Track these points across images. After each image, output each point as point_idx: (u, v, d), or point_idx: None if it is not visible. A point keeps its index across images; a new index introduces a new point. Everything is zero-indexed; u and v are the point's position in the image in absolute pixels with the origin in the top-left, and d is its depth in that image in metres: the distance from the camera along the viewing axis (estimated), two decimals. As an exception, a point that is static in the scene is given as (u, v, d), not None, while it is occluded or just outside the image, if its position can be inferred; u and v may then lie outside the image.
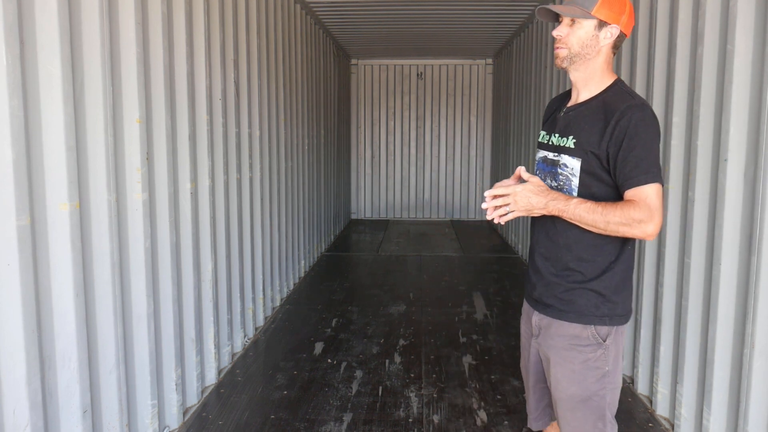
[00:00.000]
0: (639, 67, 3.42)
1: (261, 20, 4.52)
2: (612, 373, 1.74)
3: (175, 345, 2.98)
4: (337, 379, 3.57)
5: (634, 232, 1.59)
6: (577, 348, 1.74)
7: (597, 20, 1.68)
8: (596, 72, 1.74)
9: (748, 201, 2.46)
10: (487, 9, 6.47)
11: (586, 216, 1.62)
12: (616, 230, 1.60)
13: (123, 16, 2.53)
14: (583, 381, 1.73)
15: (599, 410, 1.74)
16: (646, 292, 3.34)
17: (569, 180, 1.73)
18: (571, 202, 1.64)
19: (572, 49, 1.71)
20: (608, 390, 1.74)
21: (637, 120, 1.61)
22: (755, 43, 2.43)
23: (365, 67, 10.44)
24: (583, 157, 1.69)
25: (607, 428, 1.76)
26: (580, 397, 1.74)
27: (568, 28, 1.71)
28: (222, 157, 3.64)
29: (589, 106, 1.73)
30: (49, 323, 2.18)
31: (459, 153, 10.60)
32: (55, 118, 2.13)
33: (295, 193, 5.79)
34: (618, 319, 1.74)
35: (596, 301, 1.72)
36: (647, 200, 1.58)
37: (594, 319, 1.72)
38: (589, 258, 1.72)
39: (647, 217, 1.57)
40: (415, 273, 6.40)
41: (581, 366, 1.73)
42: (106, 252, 2.44)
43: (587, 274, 1.73)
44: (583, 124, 1.71)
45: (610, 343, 1.73)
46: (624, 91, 1.72)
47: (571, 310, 1.74)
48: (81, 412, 2.27)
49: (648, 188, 1.59)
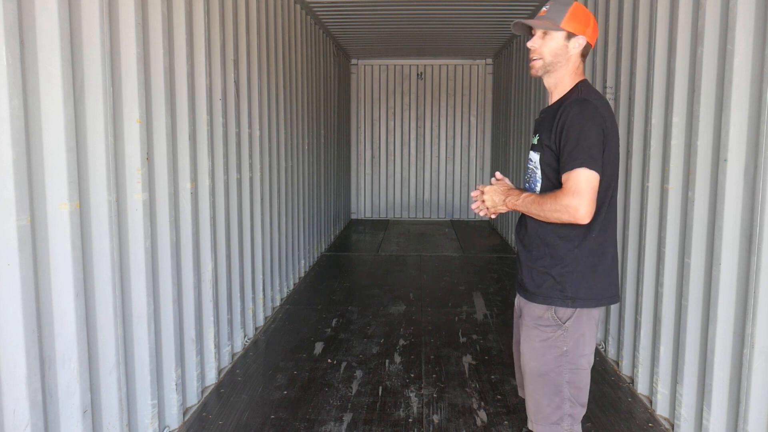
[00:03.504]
0: (639, 67, 3.42)
1: (261, 20, 4.52)
2: (571, 353, 1.89)
3: (175, 345, 2.98)
4: (337, 379, 3.57)
5: (565, 217, 1.77)
6: (539, 327, 1.92)
7: (566, 32, 1.89)
8: (565, 77, 1.94)
9: (748, 201, 2.46)
10: (487, 9, 6.47)
11: (530, 207, 1.85)
12: (552, 217, 1.80)
13: (123, 16, 2.53)
14: (542, 357, 1.91)
15: (555, 386, 1.90)
16: (646, 292, 3.34)
17: (534, 173, 1.95)
18: (521, 197, 1.88)
19: (546, 58, 1.91)
20: (566, 369, 1.89)
21: (574, 113, 1.80)
22: (755, 43, 2.43)
23: (365, 67, 10.44)
24: (541, 151, 1.90)
25: (564, 405, 1.90)
26: (538, 372, 1.92)
27: (541, 40, 1.91)
28: (222, 157, 3.64)
29: (553, 108, 1.93)
30: (49, 323, 2.18)
31: (459, 153, 10.60)
32: (55, 118, 2.13)
33: (295, 193, 5.79)
34: (582, 302, 1.88)
35: (560, 284, 1.88)
36: (575, 185, 1.75)
37: (556, 301, 1.89)
38: (553, 244, 1.89)
39: (574, 202, 1.74)
40: (415, 273, 6.40)
41: (541, 344, 1.91)
42: (106, 252, 2.44)
43: (552, 260, 1.90)
44: (546, 123, 1.92)
45: (570, 326, 1.89)
46: (578, 89, 1.91)
47: (538, 293, 1.92)
48: (81, 412, 2.27)
49: (575, 173, 1.75)
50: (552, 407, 1.91)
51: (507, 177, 2.15)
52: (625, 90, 3.69)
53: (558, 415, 1.91)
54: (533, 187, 1.95)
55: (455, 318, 4.75)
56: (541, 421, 1.93)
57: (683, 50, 2.94)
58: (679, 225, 3.01)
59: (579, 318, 1.89)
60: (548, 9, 1.90)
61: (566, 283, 1.87)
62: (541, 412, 1.93)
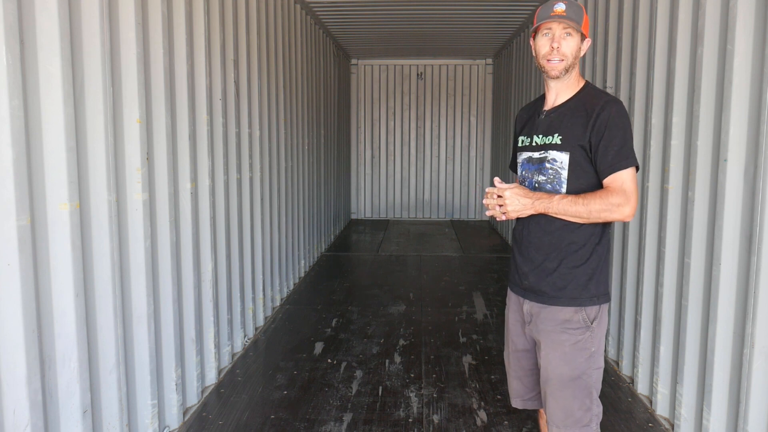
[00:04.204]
0: (639, 67, 3.42)
1: (261, 20, 4.52)
2: (597, 353, 1.92)
3: (175, 345, 2.98)
4: (337, 379, 3.57)
5: (614, 216, 1.79)
6: (567, 331, 1.89)
7: (581, 34, 1.91)
8: (574, 78, 1.97)
9: (748, 201, 2.46)
10: (487, 9, 6.47)
11: (569, 208, 1.82)
12: (598, 216, 1.80)
13: (123, 16, 2.53)
14: (573, 361, 1.89)
15: (587, 388, 1.91)
16: (646, 292, 3.34)
17: (558, 173, 1.90)
18: (554, 199, 1.84)
19: (568, 60, 1.91)
20: (594, 369, 1.91)
21: (615, 113, 1.82)
22: (755, 43, 2.43)
23: (365, 67, 10.44)
24: (571, 151, 1.87)
25: (593, 406, 1.92)
26: (570, 377, 1.89)
27: (564, 40, 1.90)
28: (222, 157, 3.64)
29: (569, 107, 1.93)
30: (49, 323, 2.18)
31: (459, 153, 10.60)
32: (55, 118, 2.13)
33: (295, 193, 5.79)
34: (604, 297, 1.93)
35: (586, 282, 1.89)
36: (623, 184, 1.79)
37: (584, 301, 1.89)
38: (580, 242, 1.89)
39: (624, 201, 1.77)
40: (415, 273, 6.40)
41: (571, 348, 1.89)
42: (106, 252, 2.44)
43: (579, 258, 1.89)
44: (567, 122, 1.90)
45: (596, 326, 1.91)
46: (597, 90, 1.96)
47: (563, 295, 1.90)
48: (81, 412, 2.27)
49: (625, 173, 1.80)
50: (583, 410, 1.91)
51: (504, 178, 2.15)
52: (625, 90, 3.69)
53: (588, 417, 1.92)
54: (558, 189, 1.89)
55: (455, 318, 4.75)
56: (572, 425, 1.91)
57: (683, 50, 2.94)
58: (679, 225, 3.01)
59: (602, 317, 1.92)
60: (566, 9, 1.86)
61: (591, 282, 1.89)
62: (572, 416, 1.91)
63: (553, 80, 1.94)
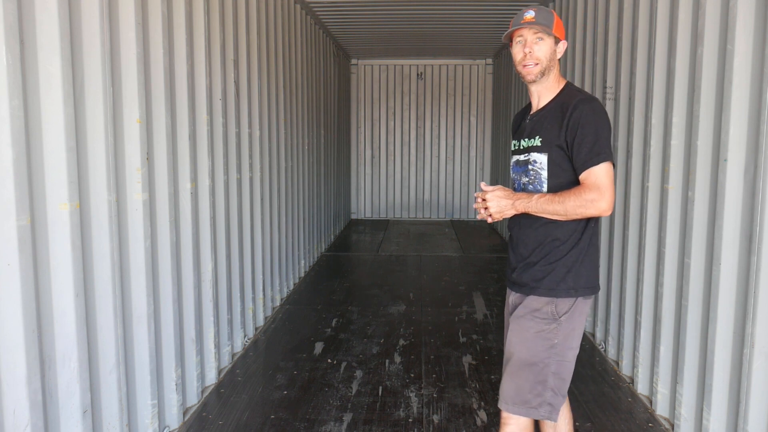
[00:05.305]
0: (639, 67, 3.42)
1: (261, 20, 4.52)
2: (560, 346, 1.96)
3: (175, 345, 2.98)
4: (337, 379, 3.57)
5: (590, 211, 1.85)
6: (534, 319, 1.97)
7: (554, 37, 1.97)
8: (553, 80, 2.03)
9: (748, 201, 2.46)
10: (487, 9, 6.47)
11: (547, 207, 1.89)
12: (575, 213, 1.86)
13: (123, 16, 2.53)
14: (533, 348, 1.96)
15: (542, 376, 1.96)
16: (646, 292, 3.34)
17: (539, 174, 1.98)
18: (533, 198, 1.92)
19: (542, 63, 1.97)
20: (553, 360, 1.96)
21: (587, 110, 1.89)
22: (755, 43, 2.43)
23: (365, 67, 10.44)
24: (548, 152, 1.95)
25: (546, 393, 1.96)
26: (527, 361, 1.97)
27: (536, 45, 1.97)
28: (222, 157, 3.64)
29: (549, 109, 2.01)
30: (49, 323, 2.18)
31: (459, 153, 10.60)
32: (55, 118, 2.13)
33: (295, 193, 5.79)
34: (583, 291, 1.96)
35: (564, 274, 1.95)
36: (597, 180, 1.84)
37: (560, 293, 1.95)
38: (555, 239, 1.96)
39: (598, 196, 1.83)
40: (415, 273, 6.40)
41: (534, 335, 1.97)
42: (106, 252, 2.44)
43: (559, 253, 1.96)
44: (546, 124, 1.98)
45: (564, 320, 1.95)
46: (573, 90, 2.01)
47: (540, 286, 1.98)
48: (81, 412, 2.27)
49: (597, 168, 1.85)
50: (533, 394, 1.97)
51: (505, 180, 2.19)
52: (625, 90, 3.69)
53: (538, 401, 1.97)
54: (539, 189, 1.99)
55: (455, 318, 4.75)
56: (520, 404, 1.98)
57: (683, 50, 2.94)
58: (679, 225, 3.01)
59: (574, 311, 1.96)
60: (536, 15, 1.96)
61: (569, 275, 1.95)
62: (521, 396, 1.98)
63: (532, 84, 2.02)
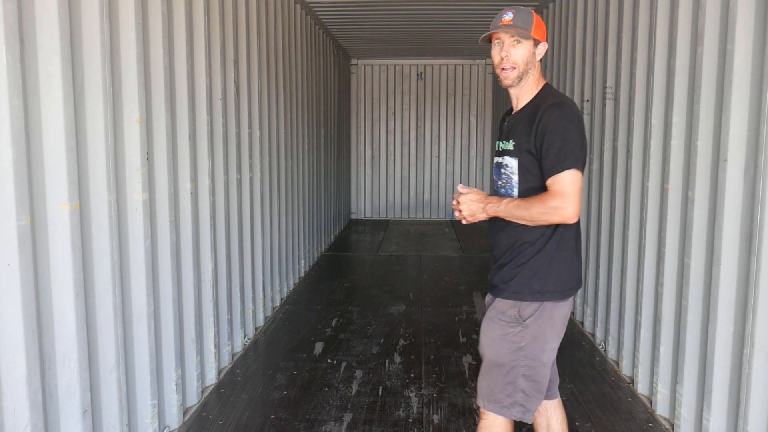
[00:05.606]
0: (639, 67, 3.42)
1: (261, 20, 4.52)
2: (528, 348, 1.95)
3: (175, 345, 2.98)
4: (337, 379, 3.57)
5: (554, 218, 1.83)
6: (499, 321, 1.99)
7: (533, 39, 1.94)
8: (532, 83, 2.00)
9: (748, 201, 2.46)
10: (487, 9, 6.47)
11: (515, 212, 1.89)
12: (540, 219, 1.85)
13: (123, 16, 2.53)
14: (499, 350, 1.98)
15: (510, 377, 1.96)
16: (646, 292, 3.34)
17: (510, 178, 1.98)
18: (502, 203, 1.91)
19: (520, 67, 1.95)
20: (521, 363, 1.95)
21: (555, 116, 1.86)
22: (755, 43, 2.43)
23: (365, 67, 10.44)
24: (519, 156, 1.94)
25: (517, 394, 1.96)
26: (495, 362, 1.99)
27: (514, 49, 1.94)
28: (222, 157, 3.64)
29: (525, 112, 1.98)
30: (49, 323, 2.18)
31: (459, 153, 10.60)
32: (55, 118, 2.13)
33: (295, 193, 5.79)
34: (551, 295, 1.94)
35: (529, 278, 1.94)
36: (562, 187, 1.81)
37: (525, 296, 1.94)
38: (523, 242, 1.95)
39: (562, 203, 1.80)
40: (415, 273, 6.40)
41: (499, 337, 1.98)
42: (106, 252, 2.43)
43: (526, 256, 1.95)
44: (519, 128, 1.96)
45: (530, 323, 1.94)
46: (548, 93, 1.97)
47: (507, 288, 1.98)
48: (81, 412, 2.27)
49: (562, 175, 1.81)
50: (504, 394, 1.98)
51: None
52: (625, 90, 3.69)
53: (509, 401, 1.97)
54: (510, 193, 1.99)
55: (455, 318, 4.75)
56: (494, 402, 1.99)
57: (683, 50, 2.94)
58: (679, 225, 3.01)
59: (541, 315, 1.94)
60: (514, 18, 1.93)
61: (534, 278, 1.93)
62: (494, 395, 2.00)
63: (510, 88, 2.00)
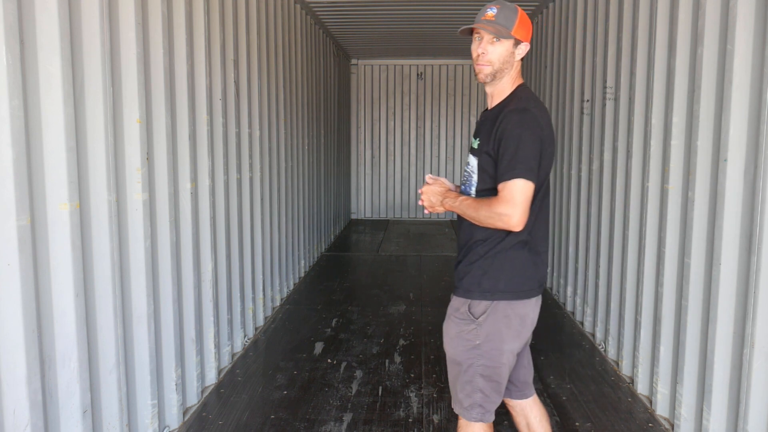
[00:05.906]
0: (639, 67, 3.42)
1: (261, 20, 4.52)
2: (484, 347, 1.93)
3: (175, 345, 2.98)
4: (337, 379, 3.57)
5: (499, 224, 1.82)
6: (455, 320, 2.00)
7: (514, 39, 1.89)
8: (507, 83, 1.96)
9: (748, 201, 2.46)
10: (487, 9, 6.46)
11: (467, 211, 1.90)
12: (487, 222, 1.85)
13: (123, 16, 2.53)
14: (456, 348, 1.99)
15: (467, 375, 1.97)
16: (646, 292, 3.34)
17: (470, 176, 1.98)
18: (458, 200, 1.93)
19: (495, 65, 1.90)
20: (478, 362, 1.95)
21: (513, 123, 1.82)
22: (755, 43, 2.43)
23: (365, 67, 10.44)
24: (479, 156, 1.93)
25: (475, 395, 1.97)
26: (453, 360, 2.02)
27: (492, 46, 1.89)
28: (222, 157, 3.64)
29: (493, 112, 1.96)
30: (49, 323, 2.18)
31: (459, 153, 10.60)
32: (55, 118, 2.13)
33: (295, 193, 5.79)
34: (501, 294, 1.92)
35: (479, 277, 1.93)
36: (509, 195, 1.79)
37: (474, 294, 1.94)
38: (477, 241, 1.95)
39: (507, 211, 1.79)
40: (415, 273, 6.40)
41: (456, 335, 1.99)
42: (106, 252, 2.43)
43: (477, 254, 1.95)
44: (484, 128, 1.94)
45: (483, 321, 1.93)
46: (517, 96, 1.93)
47: (460, 286, 1.99)
48: (81, 412, 2.27)
49: (511, 184, 1.79)
50: (464, 394, 1.99)
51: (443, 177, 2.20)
52: (625, 90, 3.69)
53: (469, 402, 1.98)
54: (468, 191, 1.99)
55: (455, 318, 4.74)
56: (457, 403, 2.02)
57: (683, 50, 2.94)
58: (679, 225, 3.01)
59: (494, 313, 1.92)
60: (497, 14, 1.87)
61: (484, 277, 1.92)
62: (456, 395, 2.03)
63: (485, 85, 1.98)
